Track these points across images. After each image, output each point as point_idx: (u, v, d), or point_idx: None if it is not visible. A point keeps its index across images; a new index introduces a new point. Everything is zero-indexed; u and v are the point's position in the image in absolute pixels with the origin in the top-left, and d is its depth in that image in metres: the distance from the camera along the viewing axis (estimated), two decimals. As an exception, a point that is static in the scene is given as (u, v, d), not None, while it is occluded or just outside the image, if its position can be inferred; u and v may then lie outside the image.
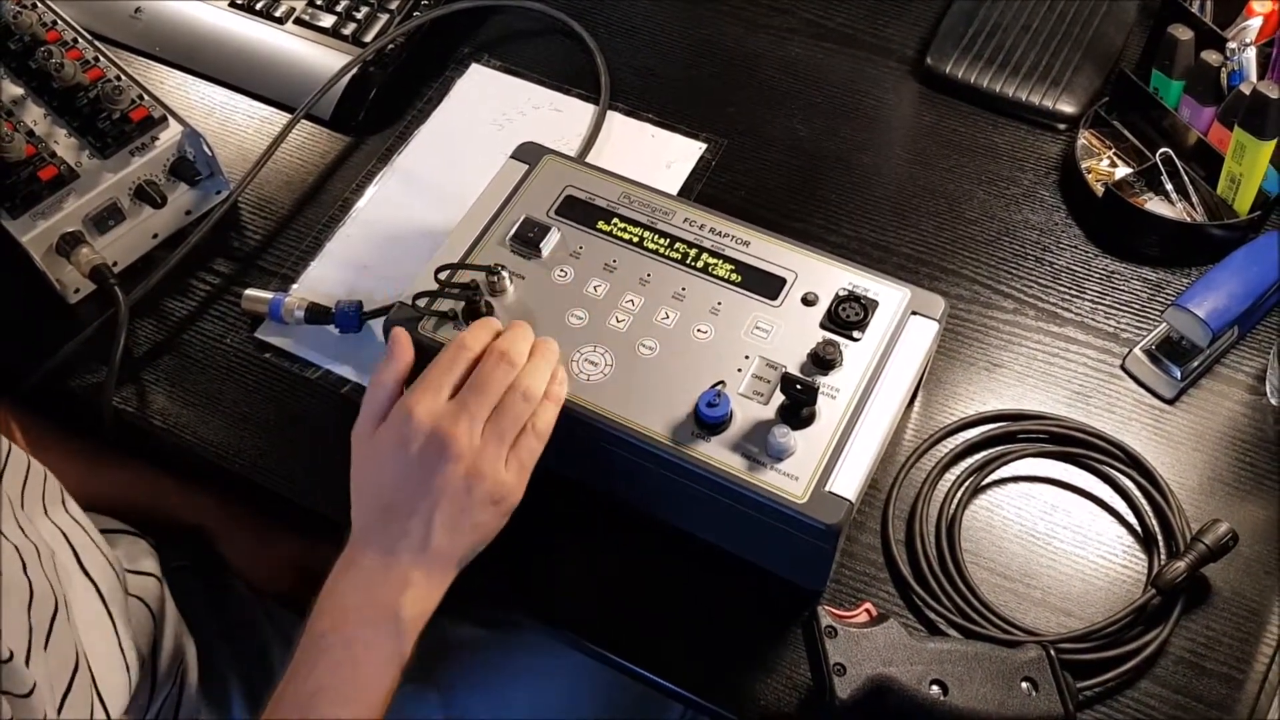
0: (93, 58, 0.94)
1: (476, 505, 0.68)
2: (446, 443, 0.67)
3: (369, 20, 1.05)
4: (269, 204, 0.98)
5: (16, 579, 0.65)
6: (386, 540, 0.68)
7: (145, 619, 0.81)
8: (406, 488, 0.68)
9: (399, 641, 0.66)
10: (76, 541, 0.75)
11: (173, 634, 0.83)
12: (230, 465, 0.85)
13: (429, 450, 0.67)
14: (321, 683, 0.65)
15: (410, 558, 0.67)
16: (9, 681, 0.61)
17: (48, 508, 0.74)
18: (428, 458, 0.67)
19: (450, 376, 0.69)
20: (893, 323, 0.76)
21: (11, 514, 0.68)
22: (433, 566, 0.68)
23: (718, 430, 0.72)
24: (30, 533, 0.70)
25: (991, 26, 1.02)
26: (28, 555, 0.67)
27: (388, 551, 0.67)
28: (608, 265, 0.79)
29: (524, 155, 0.85)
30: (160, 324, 0.92)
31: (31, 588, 0.66)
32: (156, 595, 0.83)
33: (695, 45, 1.06)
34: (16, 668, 0.62)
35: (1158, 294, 0.89)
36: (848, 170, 0.97)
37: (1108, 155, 0.95)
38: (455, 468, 0.67)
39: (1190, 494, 0.79)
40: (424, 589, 0.67)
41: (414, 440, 0.68)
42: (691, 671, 0.75)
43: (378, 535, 0.68)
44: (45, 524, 0.73)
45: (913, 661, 0.68)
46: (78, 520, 0.77)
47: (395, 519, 0.68)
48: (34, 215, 0.87)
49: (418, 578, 0.67)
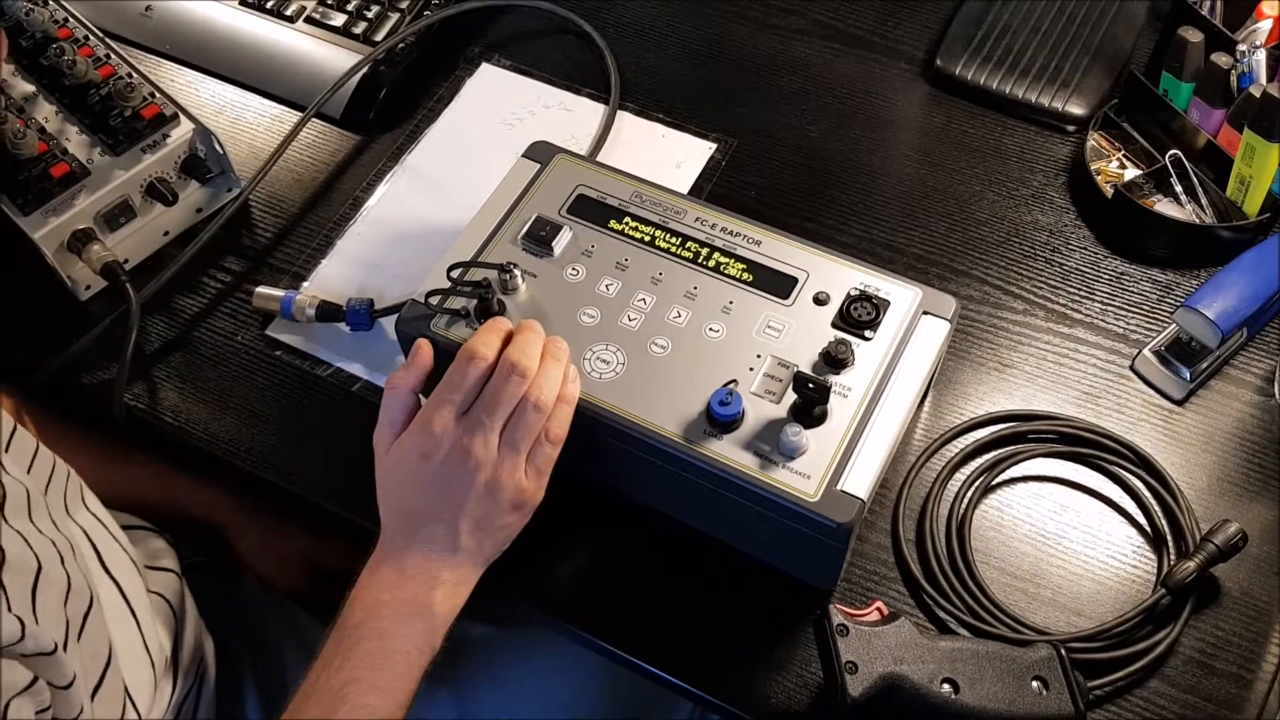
0: (104, 55, 0.94)
1: (499, 511, 0.70)
2: (465, 457, 0.69)
3: (380, 19, 1.05)
4: (280, 202, 0.98)
5: (56, 572, 0.66)
6: (415, 543, 0.70)
7: (167, 615, 0.81)
8: (430, 498, 0.70)
9: (431, 636, 0.68)
10: (98, 539, 0.75)
11: (193, 630, 0.83)
12: (241, 462, 0.85)
13: (450, 463, 0.69)
14: (356, 673, 0.66)
15: (439, 559, 0.70)
16: (52, 673, 0.63)
17: (69, 505, 0.75)
18: (449, 470, 0.69)
19: (464, 387, 0.70)
20: (904, 322, 0.76)
21: (44, 508, 0.69)
22: (461, 567, 0.70)
23: (730, 429, 0.72)
24: (62, 528, 0.70)
25: (1001, 29, 1.02)
26: (63, 549, 0.68)
27: (417, 553, 0.70)
28: (619, 264, 0.79)
29: (536, 154, 0.85)
30: (171, 321, 0.92)
31: (69, 581, 0.67)
32: (177, 591, 0.83)
33: (705, 45, 1.06)
34: (59, 659, 0.63)
35: (1167, 295, 0.89)
36: (857, 171, 0.97)
37: (1117, 157, 0.95)
38: (476, 479, 0.69)
39: (1199, 494, 0.80)
40: (453, 586, 0.70)
41: (434, 454, 0.69)
42: (702, 669, 0.75)
43: (406, 538, 0.70)
44: (69, 522, 0.74)
45: (924, 660, 0.68)
46: (99, 518, 0.77)
47: (421, 525, 0.70)
48: (45, 212, 0.87)
49: (447, 576, 0.70)
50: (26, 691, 0.60)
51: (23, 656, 0.60)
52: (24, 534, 0.65)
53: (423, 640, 0.68)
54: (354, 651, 0.67)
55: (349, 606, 0.69)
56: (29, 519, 0.67)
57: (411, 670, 0.67)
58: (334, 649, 0.68)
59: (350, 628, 0.68)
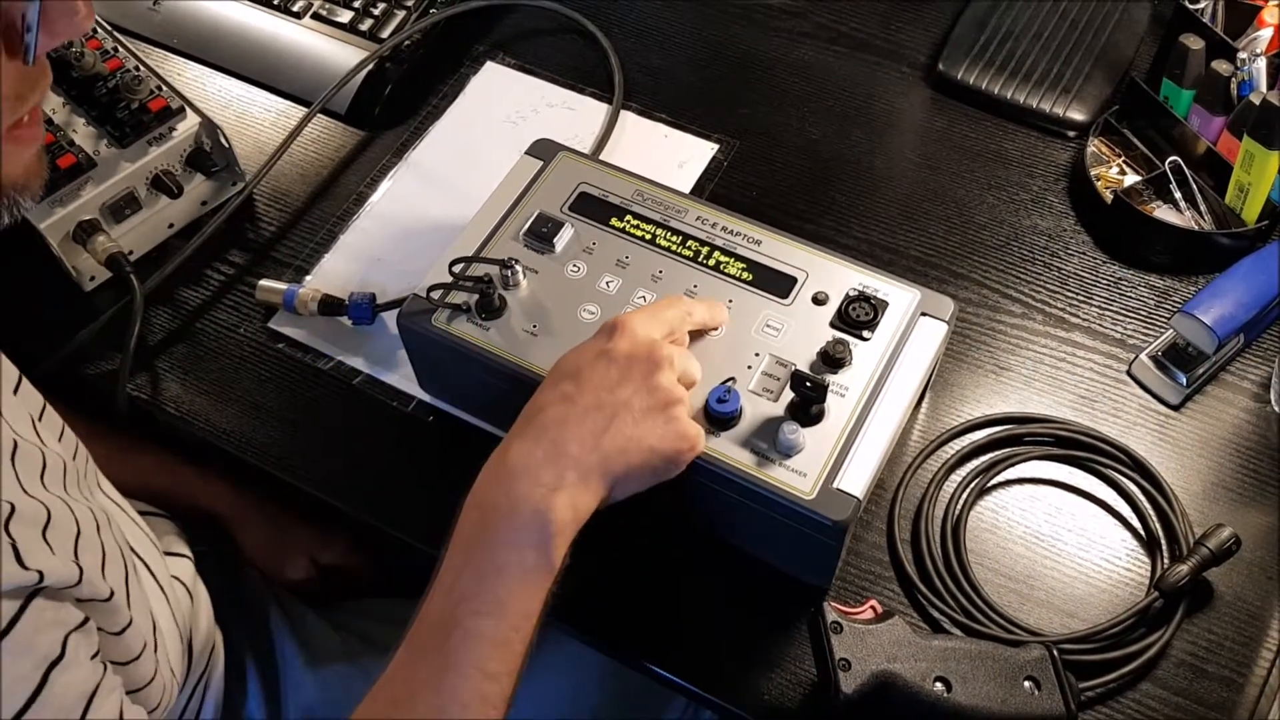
0: (112, 48, 0.95)
1: (665, 427, 0.67)
2: (658, 358, 0.67)
3: (385, 16, 1.06)
4: (284, 196, 0.99)
5: (93, 538, 0.65)
6: (555, 429, 0.65)
7: (185, 599, 0.81)
8: (602, 380, 0.66)
9: (546, 550, 0.63)
10: (119, 520, 0.75)
11: (206, 615, 0.84)
12: (242, 454, 0.86)
13: (638, 354, 0.67)
14: (466, 591, 0.62)
15: (575, 452, 0.65)
16: (106, 619, 0.63)
17: (93, 486, 0.75)
18: (635, 360, 0.67)
19: (666, 317, 0.70)
20: (902, 323, 0.76)
21: (76, 479, 0.69)
22: (591, 473, 0.65)
23: (727, 426, 0.72)
24: (92, 501, 0.70)
25: (1003, 34, 1.03)
26: (100, 518, 0.68)
27: (551, 444, 0.65)
28: (620, 261, 0.80)
29: (539, 151, 0.86)
30: (175, 313, 0.92)
31: (104, 549, 0.66)
32: (191, 576, 0.84)
33: (708, 47, 1.07)
34: (116, 605, 0.63)
35: (1165, 301, 0.90)
36: (858, 173, 0.98)
37: (1117, 163, 0.96)
38: (662, 375, 0.67)
39: (1194, 499, 0.80)
40: (575, 494, 0.64)
41: (622, 342, 0.67)
42: (696, 666, 0.76)
43: (547, 420, 0.66)
44: (98, 495, 0.74)
45: (917, 658, 0.69)
46: (116, 501, 0.77)
47: (575, 406, 0.66)
48: (51, 203, 0.88)
49: (572, 479, 0.64)
50: (81, 629, 0.60)
51: (77, 601, 0.61)
52: (65, 499, 0.65)
53: (535, 554, 0.63)
54: (465, 569, 0.63)
55: (463, 513, 0.65)
56: (64, 488, 0.67)
57: (525, 587, 0.63)
58: (447, 565, 0.63)
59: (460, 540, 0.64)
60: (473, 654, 0.61)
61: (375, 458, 0.85)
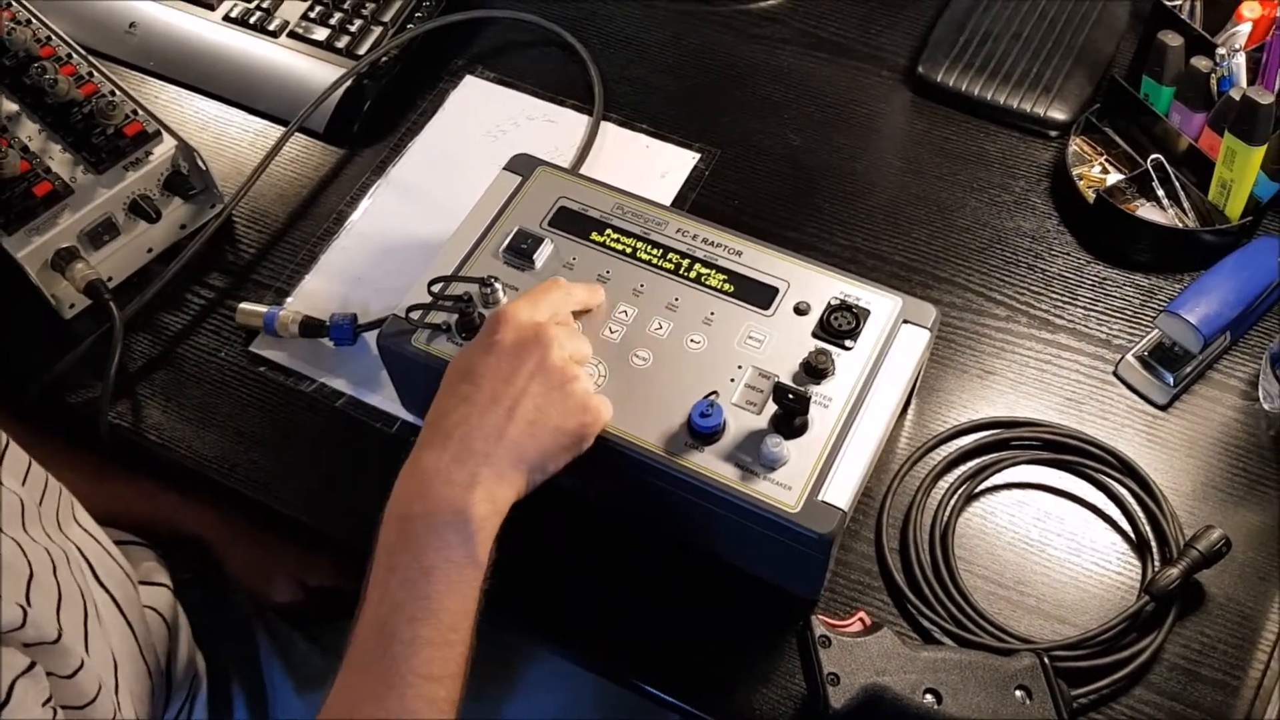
0: (87, 73, 0.95)
1: (564, 404, 0.68)
2: (545, 340, 0.68)
3: (362, 33, 1.05)
4: (263, 217, 0.98)
5: (47, 580, 0.65)
6: (460, 429, 0.66)
7: (161, 630, 0.81)
8: (495, 373, 0.67)
9: (470, 547, 0.63)
10: (91, 554, 0.75)
11: (186, 645, 0.83)
12: (226, 479, 0.85)
13: (526, 341, 0.68)
14: (397, 600, 0.62)
15: (483, 448, 0.65)
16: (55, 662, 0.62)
17: (61, 521, 0.75)
18: (524, 348, 0.68)
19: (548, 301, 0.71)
20: (885, 331, 0.76)
21: (38, 520, 0.68)
22: (503, 464, 0.65)
23: (711, 440, 0.72)
24: (56, 540, 0.70)
25: (982, 35, 1.02)
26: (57, 559, 0.67)
27: (459, 443, 0.65)
28: (601, 276, 0.79)
29: (517, 167, 0.85)
30: (155, 338, 0.92)
31: (60, 590, 0.66)
32: (170, 606, 0.83)
33: (688, 56, 1.07)
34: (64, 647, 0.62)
35: (1150, 300, 0.89)
36: (840, 179, 0.97)
37: (1099, 162, 0.95)
38: (552, 356, 0.68)
39: (1184, 500, 0.79)
40: (491, 488, 0.65)
41: (508, 333, 0.68)
42: (685, 681, 0.75)
43: (451, 424, 0.66)
44: (62, 536, 0.74)
45: (906, 670, 0.68)
46: (91, 533, 0.77)
47: (475, 404, 0.66)
48: (29, 231, 0.87)
49: (486, 474, 0.65)
50: (28, 674, 0.59)
51: (24, 645, 0.60)
52: (18, 541, 0.64)
53: (461, 554, 0.63)
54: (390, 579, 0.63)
55: (383, 527, 0.65)
56: (23, 529, 0.66)
57: (456, 586, 0.62)
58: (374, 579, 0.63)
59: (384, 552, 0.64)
60: (413, 660, 0.61)
61: (360, 480, 0.84)
